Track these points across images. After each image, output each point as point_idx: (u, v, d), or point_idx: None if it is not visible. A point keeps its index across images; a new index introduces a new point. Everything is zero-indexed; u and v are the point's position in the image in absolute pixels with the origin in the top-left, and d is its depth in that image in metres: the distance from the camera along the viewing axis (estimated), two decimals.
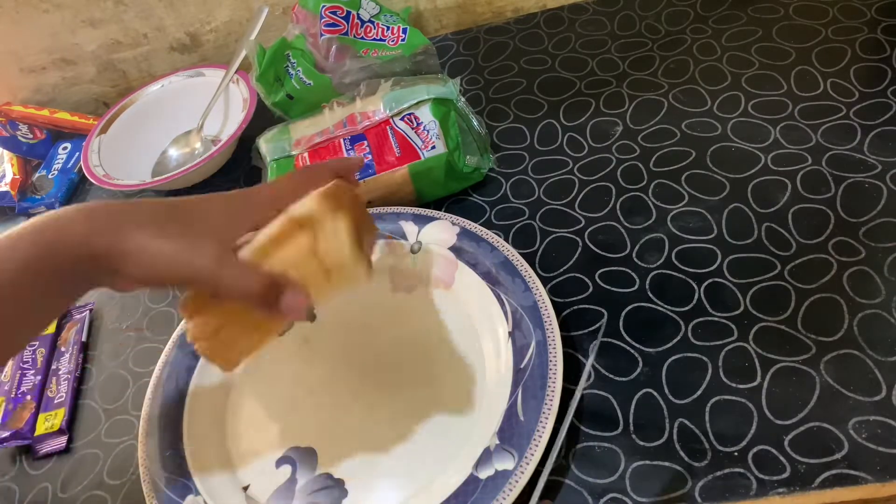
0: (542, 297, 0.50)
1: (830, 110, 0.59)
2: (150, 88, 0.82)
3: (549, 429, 0.43)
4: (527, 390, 0.46)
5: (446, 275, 0.56)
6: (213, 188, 0.74)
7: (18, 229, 0.37)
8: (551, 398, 0.44)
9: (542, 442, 0.43)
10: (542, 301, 0.49)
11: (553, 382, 0.45)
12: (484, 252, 0.54)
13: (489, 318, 0.52)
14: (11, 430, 0.58)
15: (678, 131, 0.62)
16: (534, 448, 0.43)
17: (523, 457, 0.42)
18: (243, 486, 0.49)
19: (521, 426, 0.44)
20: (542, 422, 0.43)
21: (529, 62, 0.75)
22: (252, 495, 0.49)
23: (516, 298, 0.51)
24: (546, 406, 0.44)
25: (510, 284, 0.51)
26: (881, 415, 0.42)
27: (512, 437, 0.44)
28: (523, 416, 0.44)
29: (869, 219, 0.51)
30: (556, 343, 0.47)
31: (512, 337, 0.49)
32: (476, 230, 0.56)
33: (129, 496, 0.52)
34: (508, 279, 0.52)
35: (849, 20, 0.67)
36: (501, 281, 0.52)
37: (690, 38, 0.71)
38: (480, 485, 0.43)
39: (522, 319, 0.49)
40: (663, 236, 0.55)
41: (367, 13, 0.73)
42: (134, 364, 0.61)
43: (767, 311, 0.48)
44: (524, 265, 0.52)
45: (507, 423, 0.45)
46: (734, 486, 0.41)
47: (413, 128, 0.62)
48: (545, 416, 0.44)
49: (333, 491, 0.47)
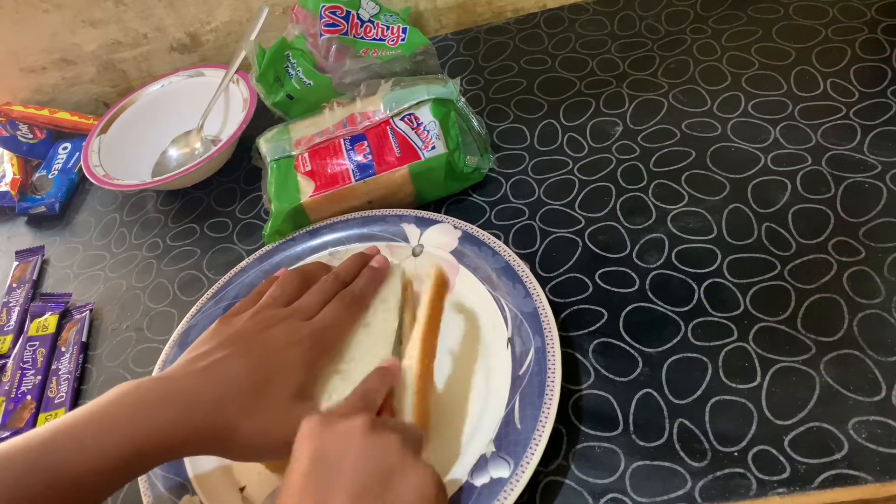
0: (542, 303, 0.49)
1: (830, 110, 0.59)
2: (150, 88, 0.82)
3: (545, 436, 0.43)
4: (524, 397, 0.45)
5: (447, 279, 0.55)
6: (213, 188, 0.75)
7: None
8: (549, 406, 0.44)
9: (539, 450, 0.42)
10: (542, 307, 0.49)
11: (551, 390, 0.45)
12: (485, 256, 0.54)
13: (489, 323, 0.51)
14: (11, 431, 0.58)
15: (678, 131, 0.62)
16: (530, 456, 0.42)
17: (519, 464, 0.42)
18: (240, 487, 0.49)
19: (518, 433, 0.44)
20: (539, 430, 0.43)
21: (529, 62, 0.75)
22: (248, 496, 0.48)
23: (516, 304, 0.50)
24: (543, 414, 0.44)
25: (510, 290, 0.51)
26: (881, 415, 0.42)
27: (508, 444, 0.43)
28: (520, 423, 0.44)
29: (869, 219, 0.51)
30: (555, 350, 0.46)
31: (511, 343, 0.49)
32: (478, 234, 0.56)
33: (129, 496, 0.52)
34: (509, 284, 0.51)
35: (849, 20, 0.67)
36: (502, 286, 0.52)
37: (690, 38, 0.71)
38: (476, 493, 0.42)
39: (522, 325, 0.49)
40: (663, 236, 0.55)
41: (366, 13, 0.73)
42: (134, 364, 0.61)
43: (767, 311, 0.48)
44: (525, 271, 0.52)
45: (503, 430, 0.44)
46: (734, 486, 0.41)
47: (413, 128, 0.62)
48: (542, 424, 0.43)
49: None
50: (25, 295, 0.71)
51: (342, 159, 0.62)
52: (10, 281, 0.73)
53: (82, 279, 0.71)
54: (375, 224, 0.60)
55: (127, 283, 0.69)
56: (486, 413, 0.47)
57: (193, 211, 0.73)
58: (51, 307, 0.67)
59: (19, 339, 0.66)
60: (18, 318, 0.68)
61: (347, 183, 0.61)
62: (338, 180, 0.61)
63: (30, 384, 0.61)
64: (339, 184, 0.61)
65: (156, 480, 0.49)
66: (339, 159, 0.62)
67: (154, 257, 0.70)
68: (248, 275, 0.60)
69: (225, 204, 0.73)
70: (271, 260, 0.61)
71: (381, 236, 0.59)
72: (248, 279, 0.60)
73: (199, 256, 0.68)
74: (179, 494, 0.48)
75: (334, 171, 0.62)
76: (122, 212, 0.77)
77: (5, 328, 0.68)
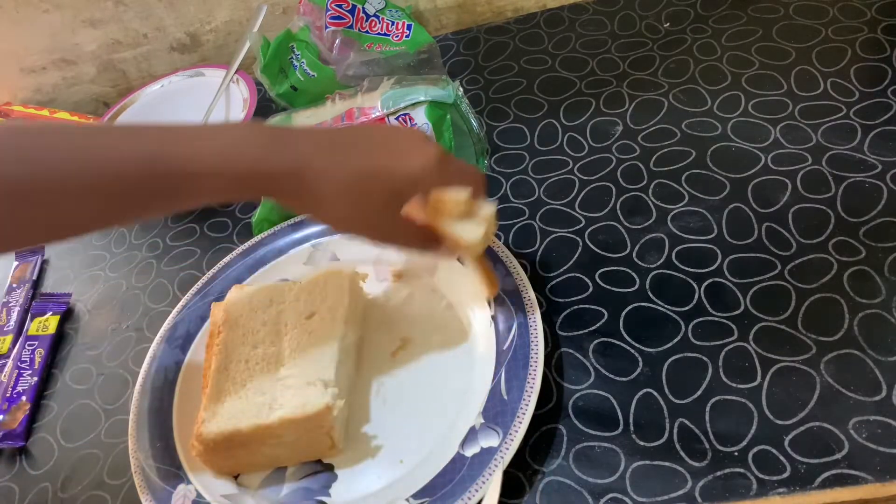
0: (522, 280, 0.52)
1: (830, 110, 0.59)
2: (150, 88, 0.82)
3: (532, 405, 0.45)
4: (510, 370, 0.47)
5: (430, 263, 0.57)
6: None
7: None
8: (533, 377, 0.46)
9: (526, 418, 0.44)
10: (522, 285, 0.51)
11: (535, 361, 0.47)
12: None
13: (472, 303, 0.53)
14: (3, 431, 0.58)
15: (678, 131, 0.62)
16: (518, 424, 0.44)
17: (508, 433, 0.44)
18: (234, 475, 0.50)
19: (505, 404, 0.46)
20: (525, 399, 0.45)
21: (529, 62, 0.75)
22: (243, 482, 0.49)
23: (498, 283, 0.52)
24: (528, 384, 0.46)
25: (492, 270, 0.53)
26: (881, 415, 0.42)
27: (496, 415, 0.46)
28: (507, 394, 0.46)
29: (869, 219, 0.51)
30: (536, 324, 0.49)
31: (494, 320, 0.51)
32: None
33: (129, 496, 0.52)
34: (490, 265, 0.53)
35: (849, 20, 0.67)
36: None
37: (690, 38, 0.70)
38: (467, 462, 0.44)
39: (504, 303, 0.51)
40: (663, 236, 0.55)
41: (372, 7, 0.73)
42: (134, 364, 0.61)
43: (767, 310, 0.48)
44: (504, 251, 0.54)
45: (491, 402, 0.46)
46: (734, 486, 0.41)
47: None
48: (528, 394, 0.45)
49: (323, 476, 0.48)
50: (25, 295, 0.71)
51: None
52: (11, 281, 0.73)
53: (82, 279, 0.71)
54: None
55: (127, 283, 0.69)
56: (472, 388, 0.49)
57: (193, 211, 0.73)
58: (51, 307, 0.67)
59: (19, 338, 0.66)
60: (18, 318, 0.68)
61: None
62: None
63: (26, 384, 0.61)
64: None
65: (150, 472, 0.49)
66: None
67: (154, 257, 0.70)
68: (233, 270, 0.61)
69: (225, 204, 0.73)
70: (255, 254, 0.62)
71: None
72: (233, 274, 0.61)
73: (198, 256, 0.68)
74: (174, 485, 0.48)
75: None
76: None
77: (5, 328, 0.68)
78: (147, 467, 0.49)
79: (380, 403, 0.51)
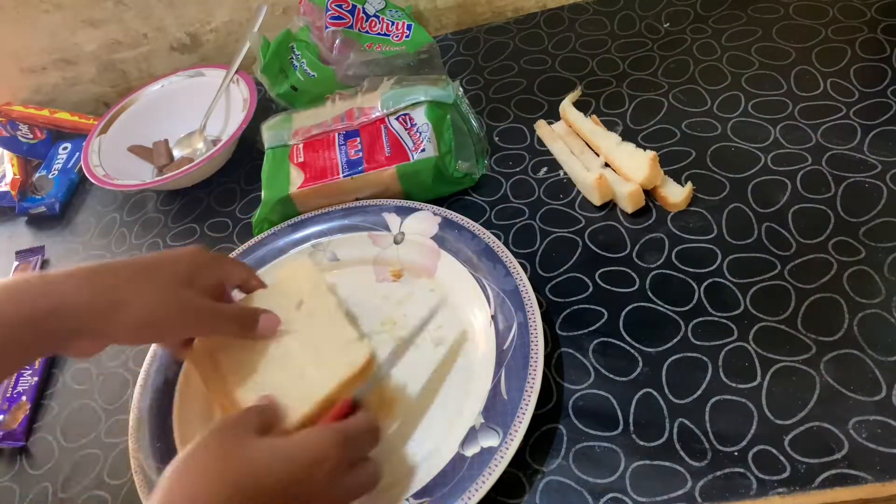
0: (522, 280, 0.51)
1: (830, 110, 0.59)
2: (150, 88, 0.82)
3: (532, 405, 0.45)
4: (510, 370, 0.47)
5: (429, 263, 0.57)
6: (213, 188, 0.75)
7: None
8: (533, 377, 0.46)
9: (526, 418, 0.44)
10: (522, 285, 0.51)
11: (535, 361, 0.47)
12: (465, 240, 0.56)
13: (472, 303, 0.53)
14: (3, 431, 0.58)
15: (678, 131, 0.62)
16: (518, 424, 0.44)
17: (508, 433, 0.44)
18: None
19: (505, 404, 0.46)
20: (525, 399, 0.45)
21: (529, 62, 0.75)
22: None
23: (497, 283, 0.52)
24: (528, 384, 0.46)
25: (491, 270, 0.53)
26: (881, 415, 0.42)
27: (496, 415, 0.46)
28: (507, 394, 0.46)
29: (869, 218, 0.51)
30: (536, 324, 0.49)
31: (494, 320, 0.51)
32: (457, 219, 0.57)
33: (129, 496, 0.52)
34: (490, 265, 0.53)
35: (849, 20, 0.67)
36: (483, 267, 0.54)
37: (690, 38, 0.70)
38: (467, 462, 0.44)
39: (504, 303, 0.51)
40: (663, 236, 0.55)
41: (372, 7, 0.73)
42: (134, 364, 0.61)
43: (767, 310, 0.48)
44: (504, 251, 0.54)
45: (491, 402, 0.46)
46: (734, 486, 0.41)
47: (406, 129, 0.62)
48: (528, 394, 0.45)
49: None
50: None
51: (333, 153, 0.63)
52: None
53: None
54: (357, 215, 0.61)
55: None
56: (472, 388, 0.49)
57: (193, 211, 0.73)
58: None
59: None
60: None
61: (335, 177, 0.61)
62: (326, 173, 0.62)
63: (26, 385, 0.61)
64: (327, 177, 0.62)
65: (149, 472, 0.49)
66: (331, 153, 0.63)
67: None
68: None
69: (225, 204, 0.73)
70: (255, 254, 0.62)
71: (363, 226, 0.60)
72: None
73: None
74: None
75: (324, 164, 0.62)
76: (123, 212, 0.77)
77: None
78: (147, 467, 0.49)
79: (380, 403, 0.51)
